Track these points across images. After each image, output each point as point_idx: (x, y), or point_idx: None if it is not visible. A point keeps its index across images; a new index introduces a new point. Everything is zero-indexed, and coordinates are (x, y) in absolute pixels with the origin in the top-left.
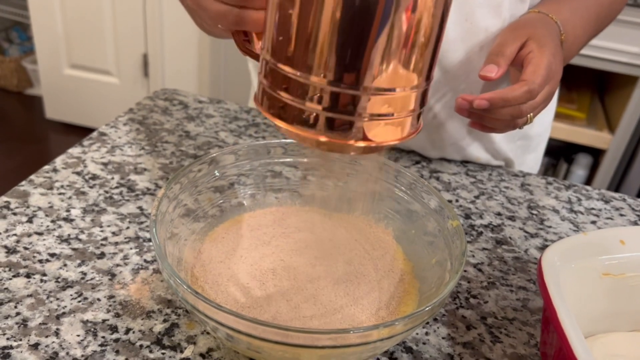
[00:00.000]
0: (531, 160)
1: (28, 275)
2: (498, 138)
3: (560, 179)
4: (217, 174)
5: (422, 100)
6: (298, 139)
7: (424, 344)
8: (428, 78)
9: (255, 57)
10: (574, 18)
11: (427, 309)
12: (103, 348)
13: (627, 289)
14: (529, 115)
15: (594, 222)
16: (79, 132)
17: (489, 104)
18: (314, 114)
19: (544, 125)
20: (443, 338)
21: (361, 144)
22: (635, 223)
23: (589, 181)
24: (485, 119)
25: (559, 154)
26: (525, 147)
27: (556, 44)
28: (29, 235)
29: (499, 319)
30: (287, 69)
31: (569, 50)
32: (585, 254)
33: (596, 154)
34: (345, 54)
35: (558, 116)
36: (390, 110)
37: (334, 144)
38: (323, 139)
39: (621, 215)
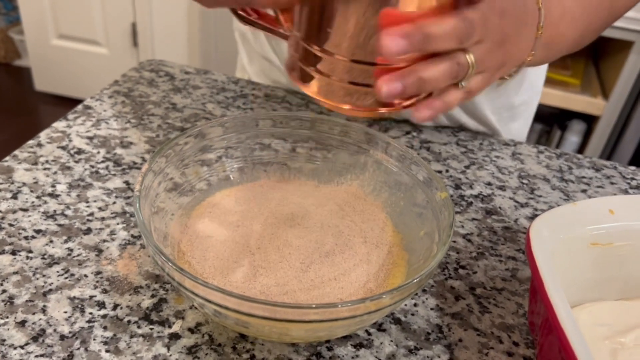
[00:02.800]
0: (515, 129)
1: (13, 252)
2: (482, 106)
3: (554, 146)
4: (202, 147)
5: None
6: (336, 109)
7: (412, 315)
8: None
9: (261, 27)
10: None
11: (414, 281)
12: (91, 324)
13: (615, 258)
14: (467, 57)
15: (584, 191)
16: (69, 104)
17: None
18: (343, 87)
19: (529, 93)
20: (432, 309)
21: (383, 109)
22: (626, 191)
23: (582, 148)
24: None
25: (553, 121)
26: (511, 117)
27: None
28: (14, 211)
29: (487, 289)
30: (329, 54)
31: (556, 25)
32: (574, 224)
33: (590, 121)
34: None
35: (552, 82)
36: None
37: (360, 110)
38: (347, 107)
39: (612, 183)
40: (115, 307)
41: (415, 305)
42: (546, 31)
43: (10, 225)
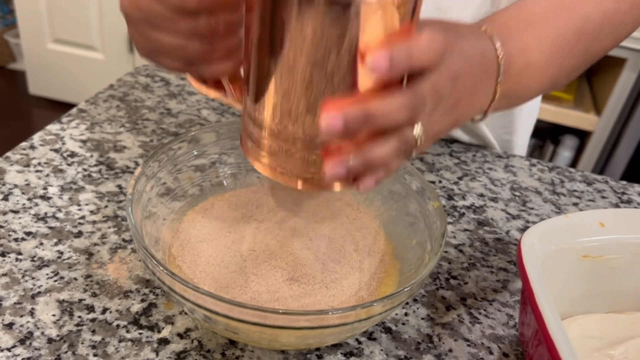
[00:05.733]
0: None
1: (3, 254)
2: (481, 127)
3: (546, 161)
4: (196, 152)
5: None
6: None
7: (403, 324)
8: None
9: (215, 95)
10: (524, 36)
11: (405, 290)
12: (79, 328)
13: (605, 271)
14: (415, 132)
15: (575, 204)
16: (63, 108)
17: (389, 56)
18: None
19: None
20: (422, 319)
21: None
22: (616, 205)
23: (574, 163)
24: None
25: (546, 135)
26: (509, 135)
27: (465, 47)
28: (5, 213)
29: (478, 299)
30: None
31: (518, 77)
32: (565, 236)
33: (582, 136)
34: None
35: (545, 97)
36: None
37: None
38: (299, 183)
39: (603, 197)
40: (104, 311)
41: (406, 314)
42: (507, 84)
43: (0, 227)
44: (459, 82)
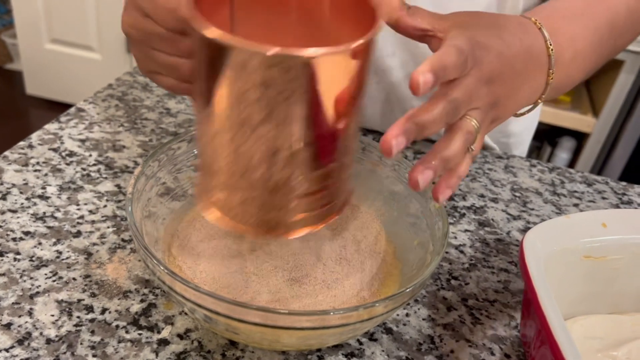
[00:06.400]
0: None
1: (1, 254)
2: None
3: (544, 162)
4: (196, 152)
5: (348, 179)
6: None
7: (404, 325)
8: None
9: None
10: (571, 27)
11: (407, 290)
12: (78, 328)
13: (607, 271)
14: (473, 123)
15: (576, 205)
16: (60, 109)
17: (433, 75)
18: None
19: (529, 120)
20: (423, 319)
21: (292, 235)
22: (617, 206)
23: (572, 164)
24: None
25: (543, 137)
26: (507, 139)
27: (508, 45)
28: (3, 212)
29: (479, 300)
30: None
31: (567, 67)
32: (567, 236)
33: (580, 138)
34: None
35: None
36: (317, 205)
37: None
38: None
39: (603, 198)
40: (103, 311)
41: (407, 315)
42: (557, 75)
43: None
44: (495, 84)
